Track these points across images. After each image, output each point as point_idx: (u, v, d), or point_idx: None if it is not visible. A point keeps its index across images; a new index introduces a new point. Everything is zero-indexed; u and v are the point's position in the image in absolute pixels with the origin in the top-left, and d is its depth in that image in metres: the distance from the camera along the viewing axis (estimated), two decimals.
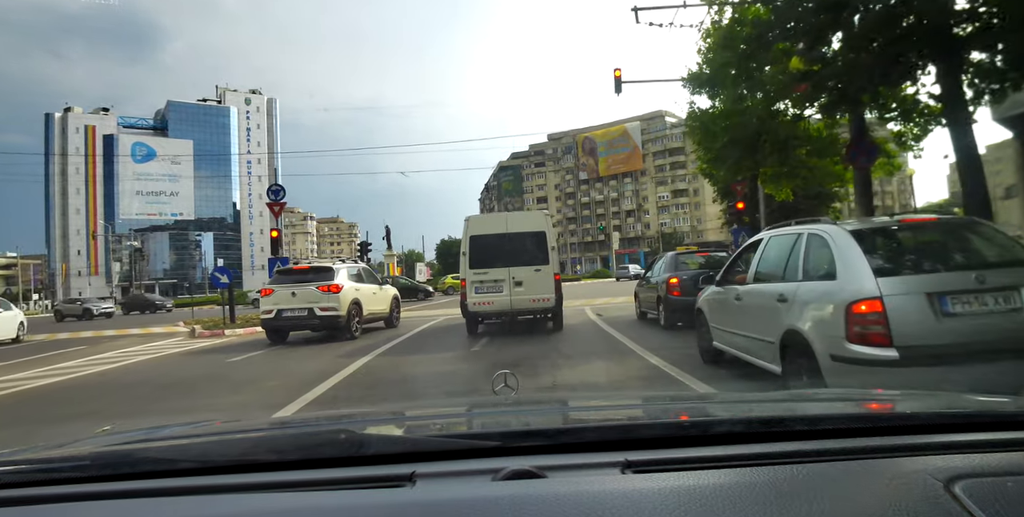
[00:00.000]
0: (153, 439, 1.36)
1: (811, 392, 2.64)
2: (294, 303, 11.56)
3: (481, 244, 10.82)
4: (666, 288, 10.37)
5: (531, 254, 10.82)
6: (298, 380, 7.29)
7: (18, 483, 0.97)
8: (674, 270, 10.50)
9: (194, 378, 8.44)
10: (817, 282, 4.35)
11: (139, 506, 0.88)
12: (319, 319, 11.47)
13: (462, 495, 0.83)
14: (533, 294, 10.72)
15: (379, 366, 8.16)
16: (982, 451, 0.91)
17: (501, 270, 10.75)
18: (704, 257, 11.30)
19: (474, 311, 10.88)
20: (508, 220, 11.15)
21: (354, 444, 1.08)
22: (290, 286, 11.71)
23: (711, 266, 10.74)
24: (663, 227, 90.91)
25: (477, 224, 11.02)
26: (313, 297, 11.49)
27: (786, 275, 4.83)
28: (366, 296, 12.56)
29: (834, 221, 4.50)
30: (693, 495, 0.77)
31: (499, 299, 10.74)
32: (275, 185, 18.24)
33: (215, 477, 0.97)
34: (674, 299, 10.19)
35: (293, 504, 0.85)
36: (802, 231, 4.75)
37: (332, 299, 11.47)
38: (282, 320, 11.68)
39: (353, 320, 11.87)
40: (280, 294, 11.70)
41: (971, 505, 0.72)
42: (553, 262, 10.77)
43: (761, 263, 5.34)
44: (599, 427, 1.24)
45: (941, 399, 1.55)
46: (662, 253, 12.30)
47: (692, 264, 10.88)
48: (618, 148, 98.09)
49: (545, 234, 10.84)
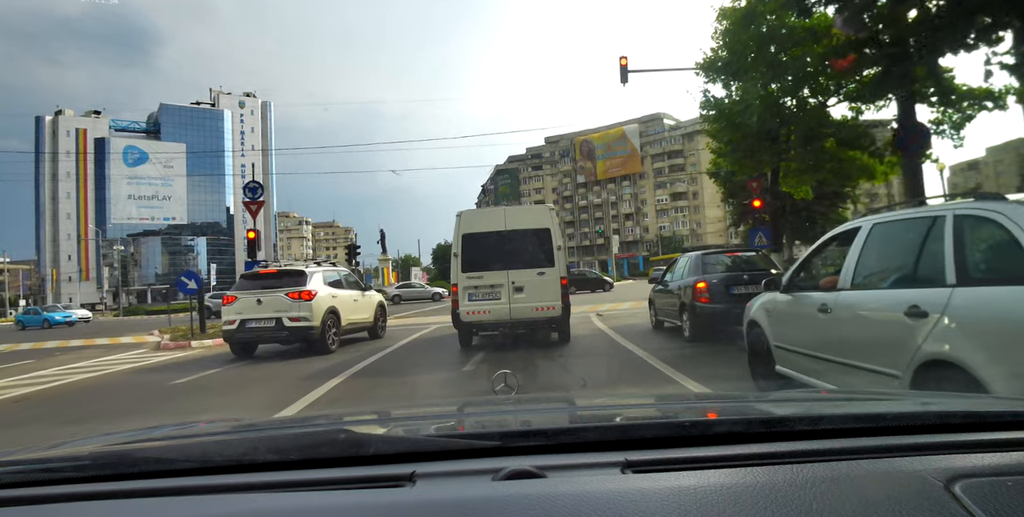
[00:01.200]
0: (153, 439, 1.37)
1: (811, 392, 2.51)
2: (259, 312, 9.98)
3: (475, 243, 9.28)
4: (692, 294, 8.84)
5: (533, 255, 9.29)
6: (234, 417, 5.69)
7: (18, 483, 0.96)
8: (701, 273, 8.96)
9: (112, 411, 6.83)
10: (991, 288, 2.82)
11: (139, 506, 0.87)
12: (288, 331, 9.91)
13: (462, 495, 0.82)
14: (536, 301, 9.17)
15: (346, 394, 6.58)
16: (982, 451, 0.91)
17: (498, 274, 9.21)
18: (733, 257, 9.76)
19: (467, 321, 9.33)
20: (507, 215, 9.59)
21: (354, 444, 1.07)
22: (255, 293, 10.14)
23: (743, 268, 9.22)
24: (662, 231, 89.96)
25: (470, 220, 9.47)
26: (281, 305, 9.92)
27: (919, 276, 3.30)
28: (345, 304, 11.00)
29: (1003, 197, 2.96)
30: (693, 495, 0.76)
31: (496, 307, 9.19)
32: (252, 182, 16.72)
33: (215, 477, 0.96)
34: (702, 307, 8.66)
35: (293, 504, 0.83)
36: (943, 212, 3.21)
37: (303, 308, 9.91)
38: (245, 332, 10.10)
39: (329, 332, 10.31)
40: (244, 302, 10.13)
41: (971, 505, 0.71)
42: (559, 264, 9.24)
43: (865, 260, 3.79)
44: (599, 427, 1.23)
45: (941, 399, 1.61)
46: (681, 254, 10.75)
47: (721, 266, 9.35)
48: (616, 151, 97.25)
49: (550, 231, 9.30)
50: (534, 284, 9.18)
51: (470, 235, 9.28)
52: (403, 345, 11.19)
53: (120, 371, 10.09)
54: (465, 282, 9.26)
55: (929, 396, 1.66)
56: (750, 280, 8.71)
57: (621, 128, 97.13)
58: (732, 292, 8.63)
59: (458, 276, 9.28)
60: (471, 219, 9.48)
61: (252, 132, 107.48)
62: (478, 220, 9.55)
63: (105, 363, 11.47)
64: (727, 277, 8.81)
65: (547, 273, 9.19)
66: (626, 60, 18.74)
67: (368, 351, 10.37)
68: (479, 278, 9.23)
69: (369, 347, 11.06)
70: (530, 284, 9.18)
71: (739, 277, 8.76)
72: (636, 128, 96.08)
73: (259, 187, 16.58)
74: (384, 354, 9.94)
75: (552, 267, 9.20)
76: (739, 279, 8.72)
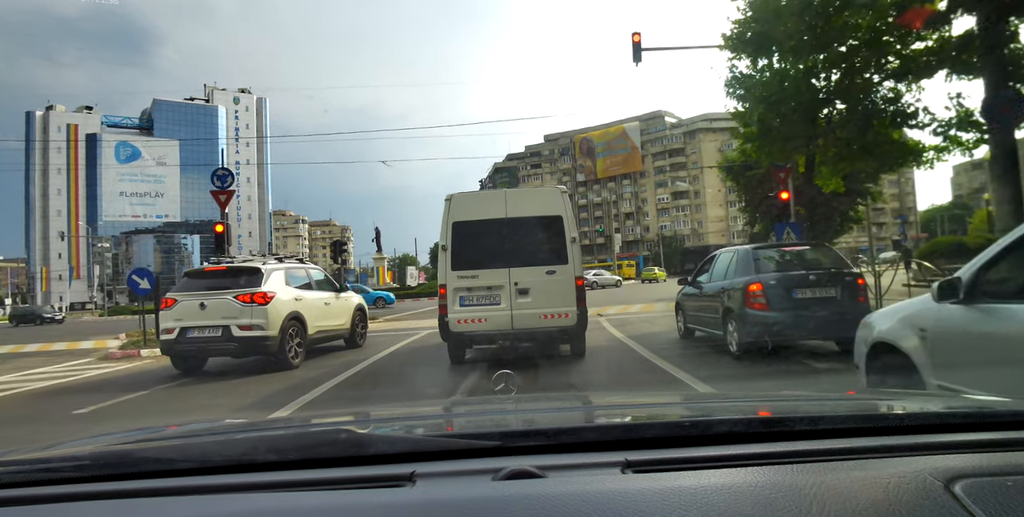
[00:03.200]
0: (153, 439, 1.35)
1: (811, 393, 2.46)
2: (203, 319, 8.08)
3: (469, 234, 7.43)
4: (742, 298, 6.98)
5: (541, 249, 7.45)
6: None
7: (18, 483, 0.96)
8: (754, 272, 7.10)
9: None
10: None
11: (139, 506, 0.87)
12: (237, 342, 8.00)
13: (462, 495, 0.82)
14: (544, 307, 7.32)
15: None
16: (982, 451, 0.91)
17: (498, 273, 7.37)
18: (791, 252, 7.87)
19: (459, 331, 7.46)
20: (508, 200, 7.66)
21: (354, 444, 1.06)
22: (199, 295, 8.24)
23: (806, 266, 7.36)
24: (663, 230, 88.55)
25: (463, 205, 7.57)
26: (230, 311, 8.02)
27: None
28: (312, 308, 9.12)
29: None
30: (693, 495, 0.75)
31: (494, 315, 7.34)
32: (221, 169, 14.90)
33: (215, 477, 0.95)
34: (756, 315, 6.81)
35: (293, 504, 0.83)
36: None
37: (257, 313, 8.02)
38: (186, 343, 8.18)
39: (291, 342, 8.44)
40: (184, 306, 8.22)
41: (971, 505, 0.71)
42: (574, 260, 7.39)
43: None
44: (599, 427, 1.24)
45: (941, 399, 1.58)
46: (715, 251, 8.91)
47: (777, 263, 7.48)
48: (616, 149, 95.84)
49: (562, 220, 7.44)
50: (542, 285, 7.33)
51: (462, 224, 7.42)
52: (384, 357, 9.33)
53: (29, 391, 8.14)
54: (456, 282, 7.40)
55: (929, 396, 1.63)
56: (817, 281, 6.88)
57: (621, 126, 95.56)
58: (795, 296, 6.79)
59: (447, 275, 7.42)
60: (464, 204, 7.58)
61: (247, 129, 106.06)
62: (473, 205, 7.64)
63: (28, 377, 9.58)
64: (788, 277, 6.96)
65: (559, 272, 7.33)
66: (639, 37, 16.98)
67: (339, 366, 8.52)
68: (473, 278, 7.38)
69: (342, 359, 9.22)
70: (537, 285, 7.34)
71: (803, 278, 6.92)
72: (637, 126, 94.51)
73: (228, 175, 14.72)
74: (359, 369, 8.09)
75: (565, 264, 7.34)
76: (803, 280, 6.88)
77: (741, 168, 30.15)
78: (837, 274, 7.01)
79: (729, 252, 8.06)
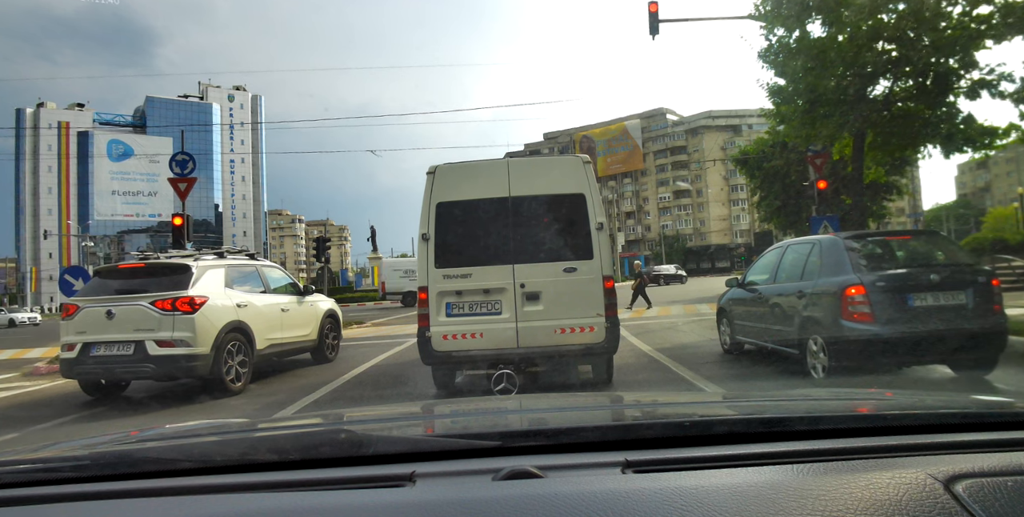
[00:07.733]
0: (153, 439, 1.33)
1: (811, 392, 2.46)
2: (111, 332, 6.11)
3: (459, 219, 5.49)
4: (835, 306, 5.05)
5: (558, 239, 5.52)
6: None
7: (18, 483, 0.95)
8: (851, 271, 5.15)
9: None
10: None
11: (139, 506, 0.86)
12: (154, 362, 6.02)
13: (462, 495, 0.81)
14: (561, 318, 5.36)
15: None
16: (982, 451, 0.90)
17: (498, 271, 5.42)
18: (899, 243, 5.90)
19: (445, 351, 5.48)
20: (513, 173, 5.60)
21: (354, 444, 1.06)
22: (108, 300, 6.30)
23: (924, 263, 5.43)
24: (664, 229, 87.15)
25: (451, 180, 5.56)
26: (144, 321, 6.06)
27: None
28: (263, 316, 7.17)
29: None
30: (693, 495, 0.74)
31: (494, 329, 5.36)
32: (180, 153, 13.03)
33: (215, 477, 0.94)
34: (856, 328, 4.88)
35: (293, 504, 0.81)
36: None
37: (180, 325, 6.06)
38: (90, 364, 6.23)
39: (232, 361, 6.50)
40: (89, 315, 6.26)
41: (971, 505, 0.70)
42: (601, 254, 5.42)
43: None
44: (599, 427, 1.21)
45: (941, 399, 1.58)
46: (778, 243, 7.01)
47: (882, 258, 5.54)
48: (617, 147, 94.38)
49: (585, 199, 5.45)
50: (558, 288, 5.38)
51: (450, 204, 5.45)
52: (354, 377, 7.40)
53: None
54: (441, 284, 5.43)
55: (929, 396, 1.65)
56: (941, 283, 4.95)
57: (622, 123, 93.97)
58: (911, 304, 4.88)
59: (428, 274, 5.42)
60: (452, 178, 5.56)
61: (242, 127, 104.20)
62: (464, 180, 5.61)
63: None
64: (901, 278, 5.03)
65: (581, 270, 5.38)
66: (656, 6, 15.13)
67: (294, 391, 6.61)
68: (465, 278, 5.42)
69: (302, 381, 7.30)
70: (551, 288, 5.39)
71: (923, 278, 4.98)
72: (638, 123, 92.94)
73: (189, 160, 12.82)
74: (317, 398, 6.18)
75: (589, 259, 5.39)
76: (923, 281, 4.95)
77: (756, 160, 28.24)
78: (964, 273, 5.10)
79: (804, 243, 6.09)
